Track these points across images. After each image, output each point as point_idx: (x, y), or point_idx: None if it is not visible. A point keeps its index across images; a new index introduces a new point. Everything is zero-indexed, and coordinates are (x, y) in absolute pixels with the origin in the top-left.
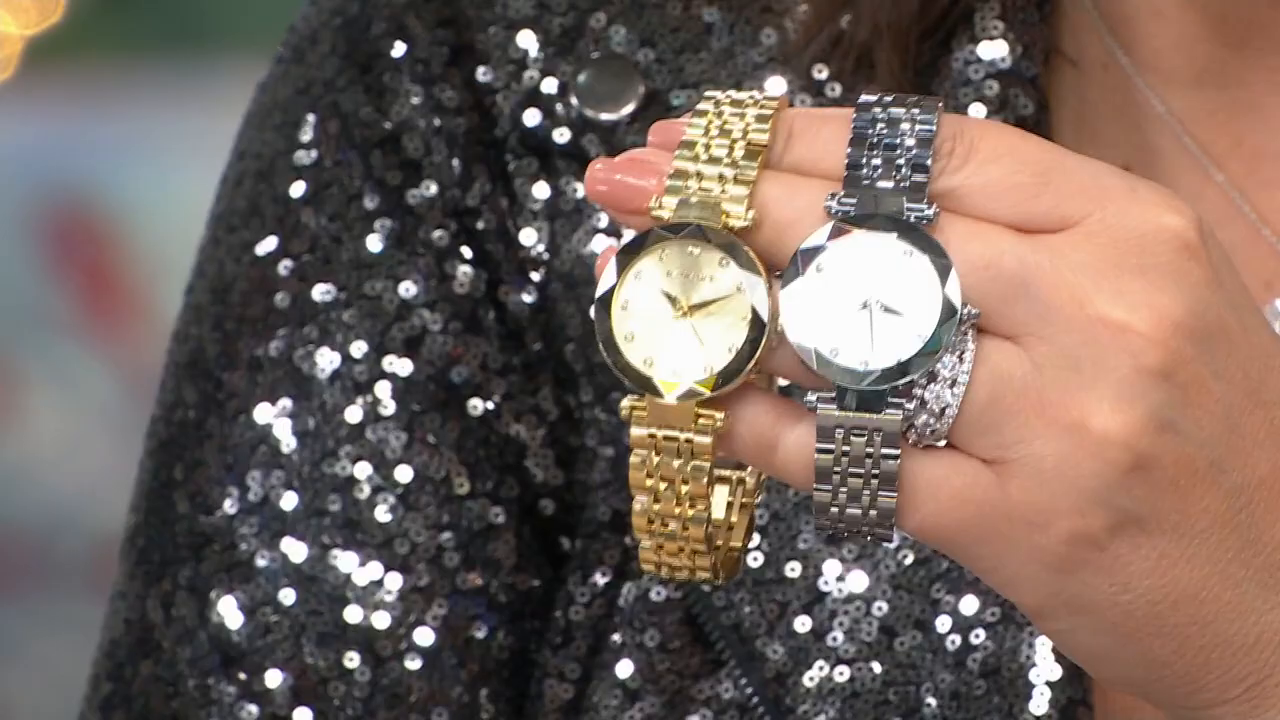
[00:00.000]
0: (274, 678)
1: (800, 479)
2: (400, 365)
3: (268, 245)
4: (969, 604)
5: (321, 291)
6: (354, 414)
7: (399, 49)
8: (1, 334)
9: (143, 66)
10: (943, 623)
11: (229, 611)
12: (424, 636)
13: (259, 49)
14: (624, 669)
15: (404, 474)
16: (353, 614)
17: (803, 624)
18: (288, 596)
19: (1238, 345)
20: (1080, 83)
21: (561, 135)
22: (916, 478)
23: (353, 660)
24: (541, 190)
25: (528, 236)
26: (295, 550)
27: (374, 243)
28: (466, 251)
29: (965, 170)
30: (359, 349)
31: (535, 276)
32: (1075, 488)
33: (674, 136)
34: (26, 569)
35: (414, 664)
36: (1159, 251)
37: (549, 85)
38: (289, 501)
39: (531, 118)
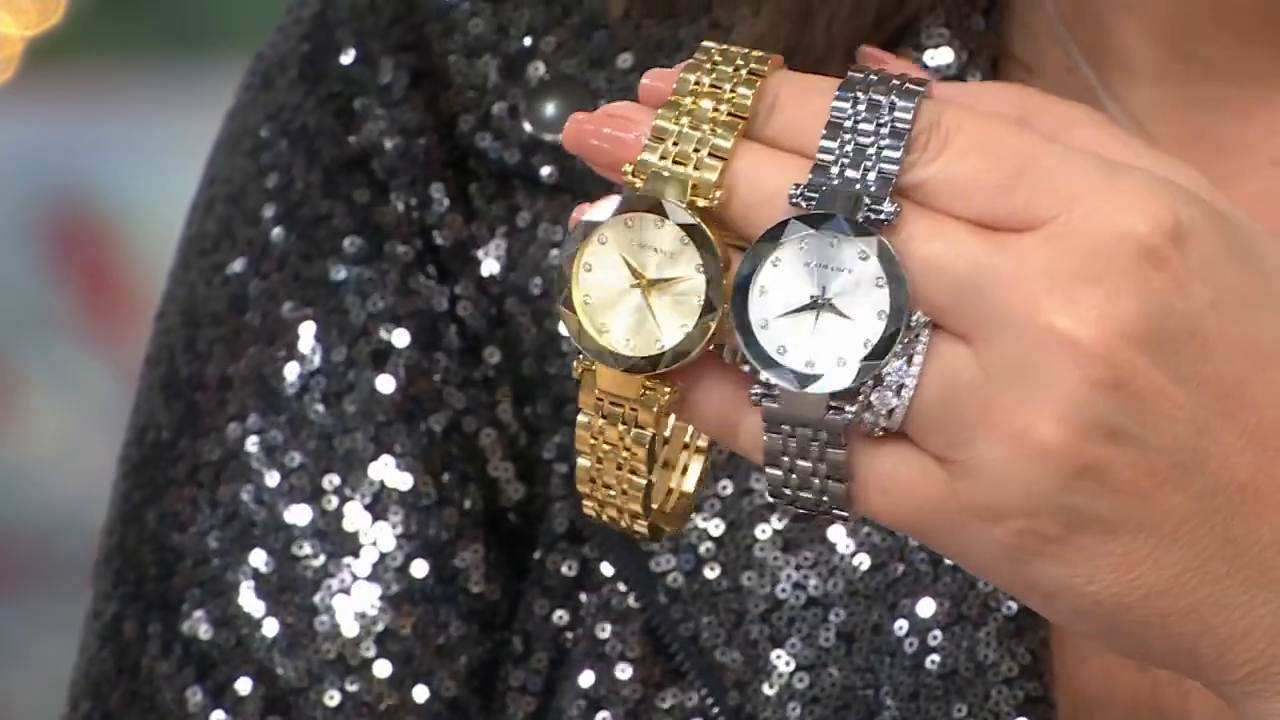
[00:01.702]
0: (245, 686)
1: (759, 461)
2: (367, 378)
3: (238, 266)
4: (925, 607)
5: (290, 308)
6: (321, 426)
7: (364, 74)
8: (1, 334)
9: (143, 66)
10: (900, 626)
11: (201, 625)
12: (394, 645)
13: (259, 49)
14: (586, 679)
15: (371, 484)
16: (322, 623)
17: (760, 632)
18: (257, 608)
19: (1213, 349)
20: (1037, 88)
21: (513, 156)
22: (866, 469)
23: (322, 669)
24: (498, 209)
25: (485, 253)
26: (264, 562)
27: (342, 260)
28: (430, 268)
29: (936, 164)
30: (326, 363)
31: (492, 292)
32: (1022, 492)
33: (665, 84)
34: (26, 569)
35: (384, 673)
36: (1119, 259)
37: (503, 108)
38: (258, 514)
39: (486, 139)
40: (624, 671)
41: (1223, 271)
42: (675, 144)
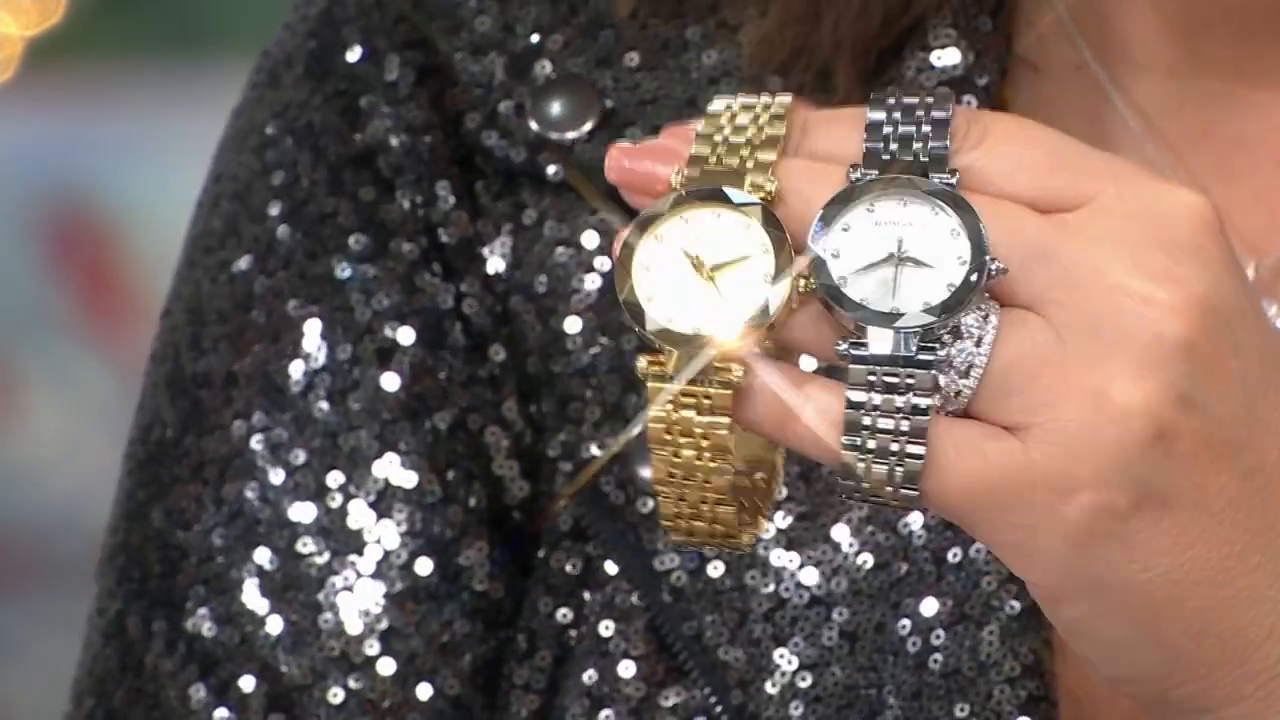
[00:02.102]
0: (248, 684)
1: (823, 444)
2: (372, 376)
3: (243, 263)
4: (929, 606)
5: (295, 306)
6: (326, 424)
7: (370, 71)
8: (1, 334)
9: (143, 66)
10: (903, 625)
11: (205, 622)
12: (398, 643)
13: (259, 49)
14: (589, 677)
15: (376, 482)
16: (326, 621)
17: (764, 631)
18: (261, 606)
19: (1253, 329)
20: (1043, 87)
21: (519, 154)
22: (941, 439)
23: (326, 667)
24: (503, 207)
25: (490, 251)
26: (268, 560)
27: (348, 257)
28: (435, 265)
29: (979, 150)
30: (331, 361)
31: (498, 289)
32: (1099, 455)
33: (686, 137)
34: (26, 569)
35: (387, 670)
36: (1179, 227)
37: (509, 106)
38: (263, 512)
39: (492, 138)
40: (627, 669)
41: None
42: (719, 159)
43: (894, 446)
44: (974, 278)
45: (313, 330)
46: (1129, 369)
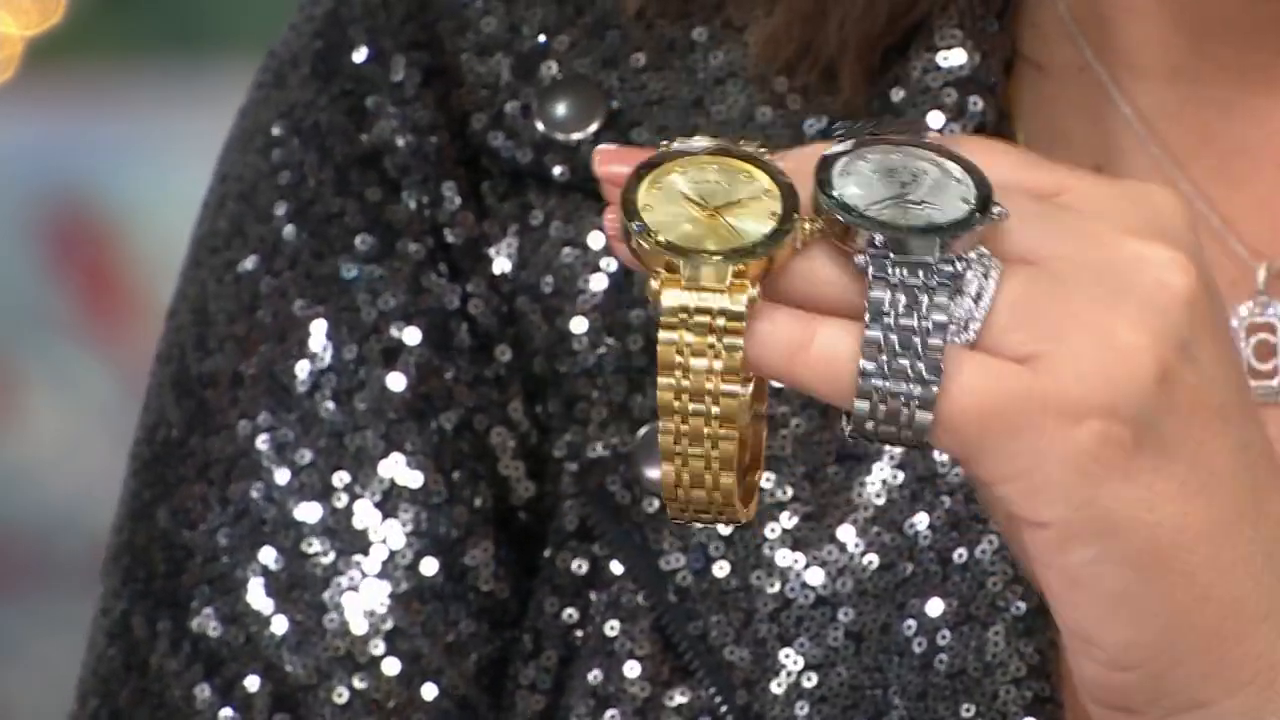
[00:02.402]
0: (253, 684)
1: (835, 376)
2: (378, 376)
3: (249, 264)
4: (934, 606)
5: (301, 306)
6: (331, 424)
7: (376, 71)
8: (1, 334)
9: (143, 66)
10: (908, 626)
11: (210, 622)
12: (402, 643)
13: (259, 49)
14: (594, 677)
15: (381, 482)
16: (331, 621)
17: (769, 631)
18: (266, 605)
19: (1227, 317)
20: (1048, 87)
21: (525, 155)
22: (955, 362)
23: (331, 667)
24: (510, 208)
25: (496, 252)
26: (274, 559)
27: (354, 258)
28: (441, 266)
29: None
30: (337, 361)
31: (504, 290)
32: (1108, 385)
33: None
34: (26, 569)
35: (393, 670)
36: (1160, 210)
37: (515, 107)
38: (268, 512)
39: (499, 138)
40: (633, 669)
41: None
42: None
43: (910, 370)
44: (979, 213)
45: (318, 330)
46: (1134, 311)
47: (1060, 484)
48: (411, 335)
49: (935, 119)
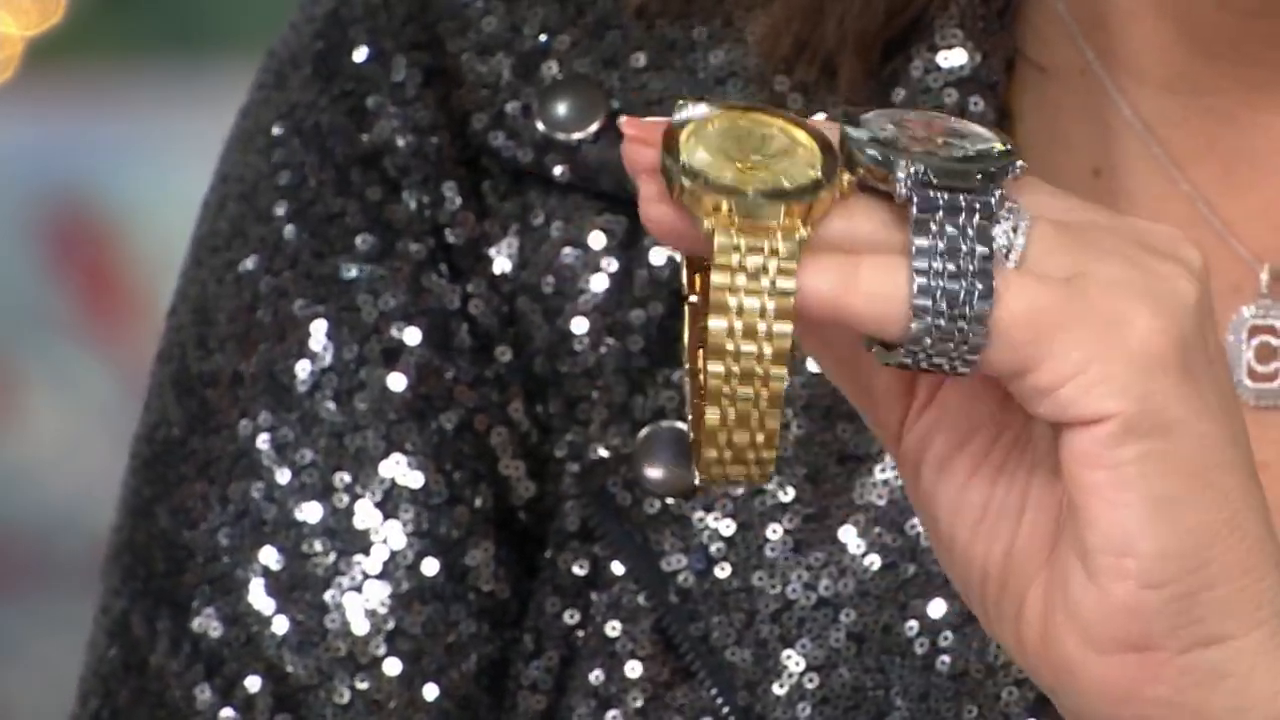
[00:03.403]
0: (254, 684)
1: (886, 304)
2: (378, 376)
3: (250, 264)
4: (936, 607)
5: (301, 306)
6: (332, 424)
7: (377, 72)
8: (1, 334)
9: (143, 66)
10: (911, 627)
11: (210, 622)
12: (403, 643)
13: (259, 49)
14: (596, 677)
15: (382, 482)
16: (332, 621)
17: (771, 632)
18: (267, 606)
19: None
20: (1049, 88)
21: (526, 155)
22: (1003, 278)
23: (332, 667)
24: (510, 207)
25: (497, 252)
26: (274, 559)
27: (354, 258)
28: (442, 266)
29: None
30: (337, 361)
31: (504, 290)
32: (1153, 298)
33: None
34: (26, 569)
35: (394, 671)
36: (1160, 234)
37: (516, 107)
38: (269, 512)
39: (499, 138)
40: (634, 670)
41: None
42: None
43: (963, 287)
44: (1004, 153)
45: (319, 330)
46: (1160, 260)
47: (1121, 376)
48: (412, 335)
49: None
